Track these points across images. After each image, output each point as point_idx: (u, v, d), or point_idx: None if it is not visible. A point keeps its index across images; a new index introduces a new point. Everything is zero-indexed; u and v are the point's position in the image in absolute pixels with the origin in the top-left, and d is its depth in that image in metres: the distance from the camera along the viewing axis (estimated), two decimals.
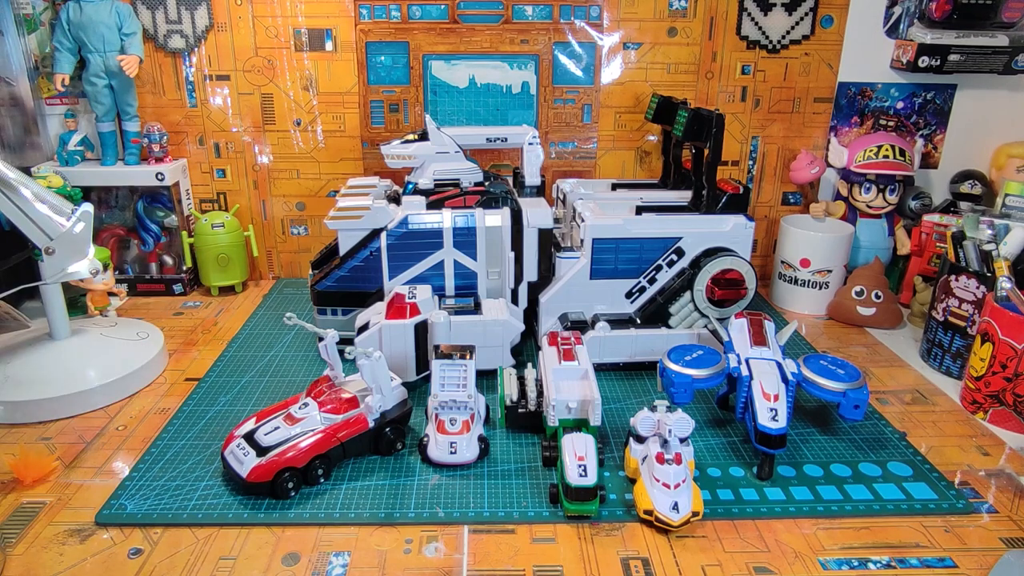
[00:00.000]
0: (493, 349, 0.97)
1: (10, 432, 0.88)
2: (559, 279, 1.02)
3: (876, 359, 1.09)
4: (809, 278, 1.23)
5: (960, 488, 0.78)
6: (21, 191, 0.86)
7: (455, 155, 1.07)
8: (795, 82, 1.30)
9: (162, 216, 1.31)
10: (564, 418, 0.80)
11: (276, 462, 0.74)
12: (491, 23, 1.24)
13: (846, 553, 0.68)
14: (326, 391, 0.81)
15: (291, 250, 1.38)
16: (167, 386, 0.99)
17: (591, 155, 1.33)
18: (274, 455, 0.74)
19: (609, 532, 0.71)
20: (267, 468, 0.73)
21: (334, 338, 0.81)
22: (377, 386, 0.81)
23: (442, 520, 0.72)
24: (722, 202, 1.02)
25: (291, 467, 0.74)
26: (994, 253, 0.97)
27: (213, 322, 1.19)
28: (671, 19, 1.25)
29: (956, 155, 1.34)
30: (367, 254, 1.01)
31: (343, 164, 1.32)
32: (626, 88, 1.29)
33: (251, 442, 0.76)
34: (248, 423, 0.80)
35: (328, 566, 0.66)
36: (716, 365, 0.85)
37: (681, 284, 1.01)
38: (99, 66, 1.18)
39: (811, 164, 1.30)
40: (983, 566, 0.67)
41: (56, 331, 0.98)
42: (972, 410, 0.94)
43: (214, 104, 1.27)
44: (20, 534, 0.70)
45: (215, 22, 1.23)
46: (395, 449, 0.83)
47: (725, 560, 0.67)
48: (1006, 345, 0.87)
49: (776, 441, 0.77)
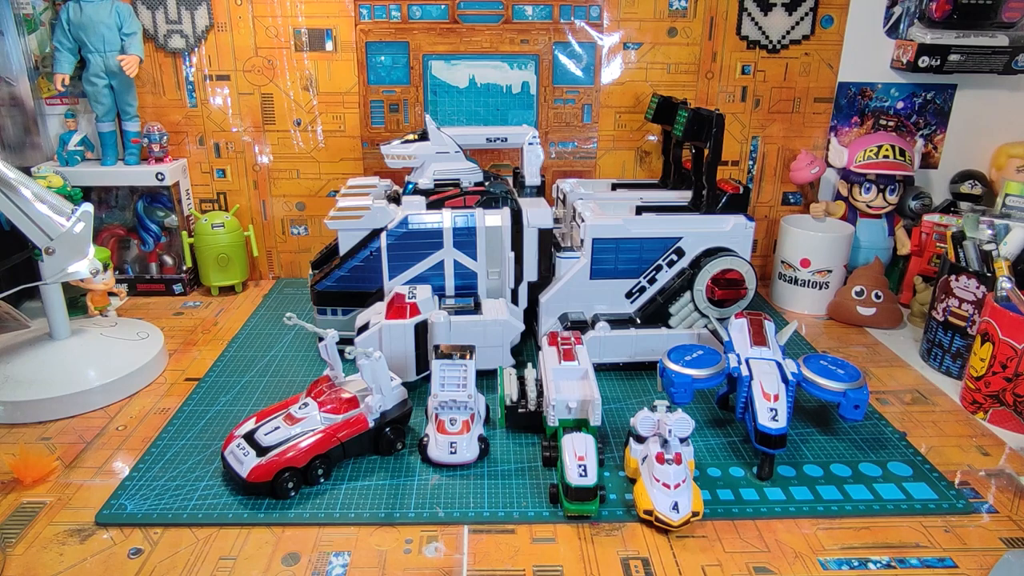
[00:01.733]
0: (493, 349, 0.97)
1: (10, 432, 0.88)
2: (559, 279, 1.02)
3: (876, 359, 1.09)
4: (809, 278, 1.23)
5: (960, 488, 0.78)
6: (21, 191, 0.86)
7: (455, 155, 1.07)
8: (795, 82, 1.30)
9: (162, 216, 1.31)
10: (564, 418, 0.80)
11: (276, 462, 0.74)
12: (491, 23, 1.24)
13: (846, 553, 0.68)
14: (326, 391, 0.81)
15: (291, 250, 1.38)
16: (167, 386, 0.99)
17: (591, 155, 1.33)
18: (274, 455, 0.74)
19: (609, 532, 0.71)
20: (267, 468, 0.73)
21: (334, 338, 0.81)
22: (377, 386, 0.81)
23: (442, 520, 0.72)
24: (722, 202, 1.02)
25: (291, 467, 0.74)
26: (994, 253, 0.97)
27: (213, 322, 1.19)
28: (671, 19, 1.25)
29: (956, 155, 1.34)
30: (367, 254, 1.01)
31: (343, 164, 1.32)
32: (626, 88, 1.29)
33: (251, 442, 0.76)
34: (248, 423, 0.80)
35: (328, 566, 0.66)
36: (716, 365, 0.85)
37: (681, 284, 1.01)
38: (99, 66, 1.18)
39: (811, 164, 1.30)
40: (983, 566, 0.67)
41: (56, 331, 0.98)
42: (972, 410, 0.94)
43: (214, 104, 1.27)
44: (20, 534, 0.70)
45: (215, 22, 1.23)
46: (395, 449, 0.83)
47: (725, 560, 0.67)
48: (1006, 345, 0.87)
49: (776, 441, 0.77)
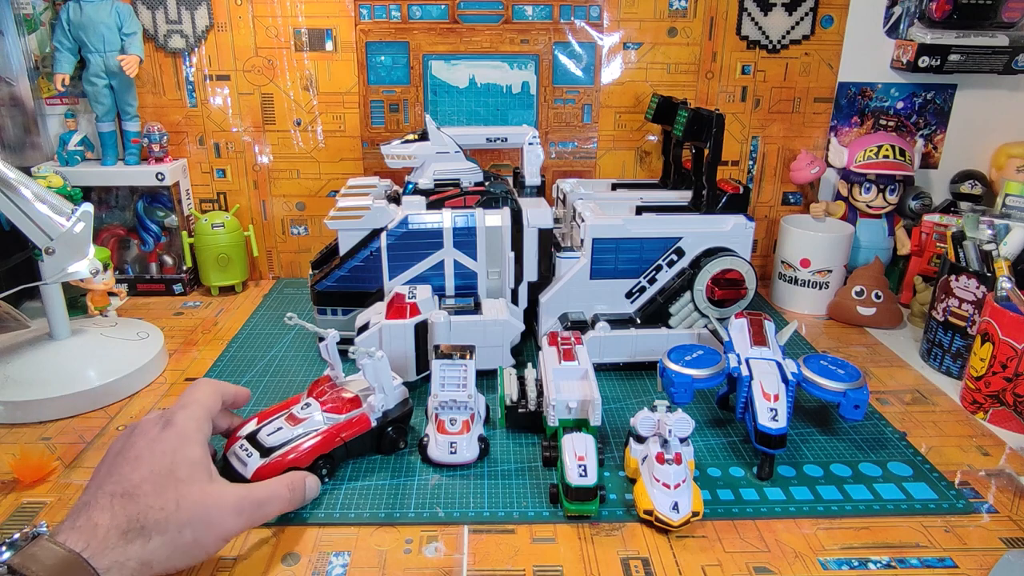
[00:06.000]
0: (493, 349, 0.97)
1: (10, 432, 0.88)
2: (559, 279, 1.02)
3: (876, 359, 1.09)
4: (809, 278, 1.23)
5: (960, 488, 0.78)
6: (21, 191, 0.86)
7: (455, 155, 1.07)
8: (795, 82, 1.30)
9: (162, 216, 1.31)
10: (564, 418, 0.80)
11: (280, 463, 0.73)
12: (491, 23, 1.24)
13: (846, 553, 0.68)
14: (328, 391, 0.81)
15: (291, 250, 1.38)
16: (167, 386, 0.99)
17: (591, 155, 1.33)
18: (278, 456, 0.74)
19: (609, 532, 0.71)
20: (271, 469, 0.73)
21: (335, 338, 0.81)
22: (379, 385, 0.81)
23: (442, 520, 0.72)
24: (722, 202, 1.02)
25: (295, 467, 0.74)
26: (994, 253, 0.97)
27: (213, 322, 1.19)
28: (671, 19, 1.25)
29: (956, 155, 1.34)
30: (367, 254, 1.01)
31: (343, 164, 1.32)
32: (626, 88, 1.29)
33: (254, 443, 0.76)
34: (250, 423, 0.79)
35: (328, 566, 0.66)
36: (716, 365, 0.85)
37: (681, 284, 1.01)
38: (99, 66, 1.18)
39: (811, 164, 1.30)
40: (983, 566, 0.67)
41: (56, 331, 0.98)
42: (972, 410, 0.94)
43: (214, 104, 1.27)
44: None
45: (215, 22, 1.23)
46: (398, 448, 0.83)
47: (725, 560, 0.67)
48: (1006, 345, 0.87)
49: (776, 441, 0.77)
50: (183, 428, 0.66)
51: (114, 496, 0.58)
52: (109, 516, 0.56)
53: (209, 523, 0.61)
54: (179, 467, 0.62)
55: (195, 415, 0.69)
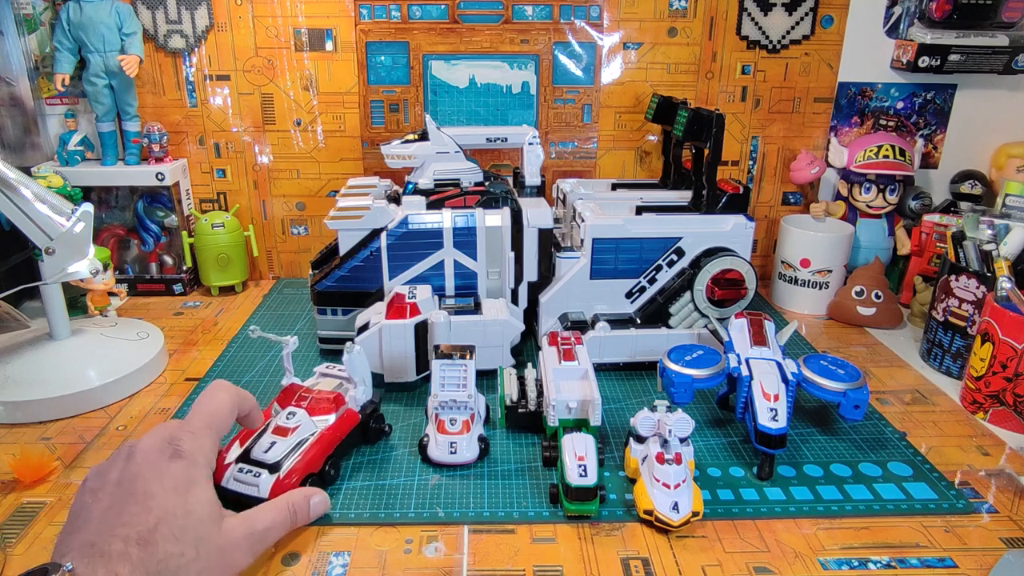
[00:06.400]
0: (493, 349, 0.97)
1: (10, 432, 0.88)
2: (559, 279, 1.02)
3: (876, 359, 1.09)
4: (809, 278, 1.23)
5: (960, 488, 0.78)
6: (21, 191, 0.86)
7: (455, 155, 1.07)
8: (795, 82, 1.30)
9: (162, 216, 1.31)
10: (564, 418, 0.80)
11: (294, 472, 0.72)
12: (491, 23, 1.24)
13: (846, 553, 0.68)
14: (305, 396, 0.80)
15: (291, 250, 1.38)
16: (167, 386, 0.99)
17: (591, 155, 1.33)
18: (289, 467, 0.72)
19: (609, 532, 0.71)
20: (287, 482, 0.71)
21: (293, 346, 0.83)
22: (360, 378, 0.83)
23: (442, 520, 0.72)
24: (722, 202, 1.02)
25: (309, 473, 0.73)
26: (994, 253, 0.97)
27: (213, 322, 1.19)
28: (671, 19, 1.25)
29: (956, 155, 1.34)
30: (367, 254, 1.01)
31: (343, 164, 1.32)
32: (626, 88, 1.29)
33: (254, 463, 0.73)
34: (233, 448, 0.76)
35: (328, 566, 0.66)
36: (716, 365, 0.85)
37: (681, 284, 1.01)
38: (99, 66, 1.18)
39: (811, 164, 1.30)
40: (983, 566, 0.67)
41: (56, 331, 0.98)
42: (972, 410, 0.94)
43: (214, 104, 1.27)
44: (20, 534, 0.70)
45: (215, 22, 1.23)
46: (384, 434, 0.85)
47: (725, 560, 0.67)
48: (1006, 345, 0.87)
49: (776, 441, 0.77)
50: (193, 460, 0.61)
51: (129, 542, 0.53)
52: (129, 568, 0.52)
53: (225, 565, 0.59)
54: (195, 508, 0.58)
55: (204, 446, 0.63)
